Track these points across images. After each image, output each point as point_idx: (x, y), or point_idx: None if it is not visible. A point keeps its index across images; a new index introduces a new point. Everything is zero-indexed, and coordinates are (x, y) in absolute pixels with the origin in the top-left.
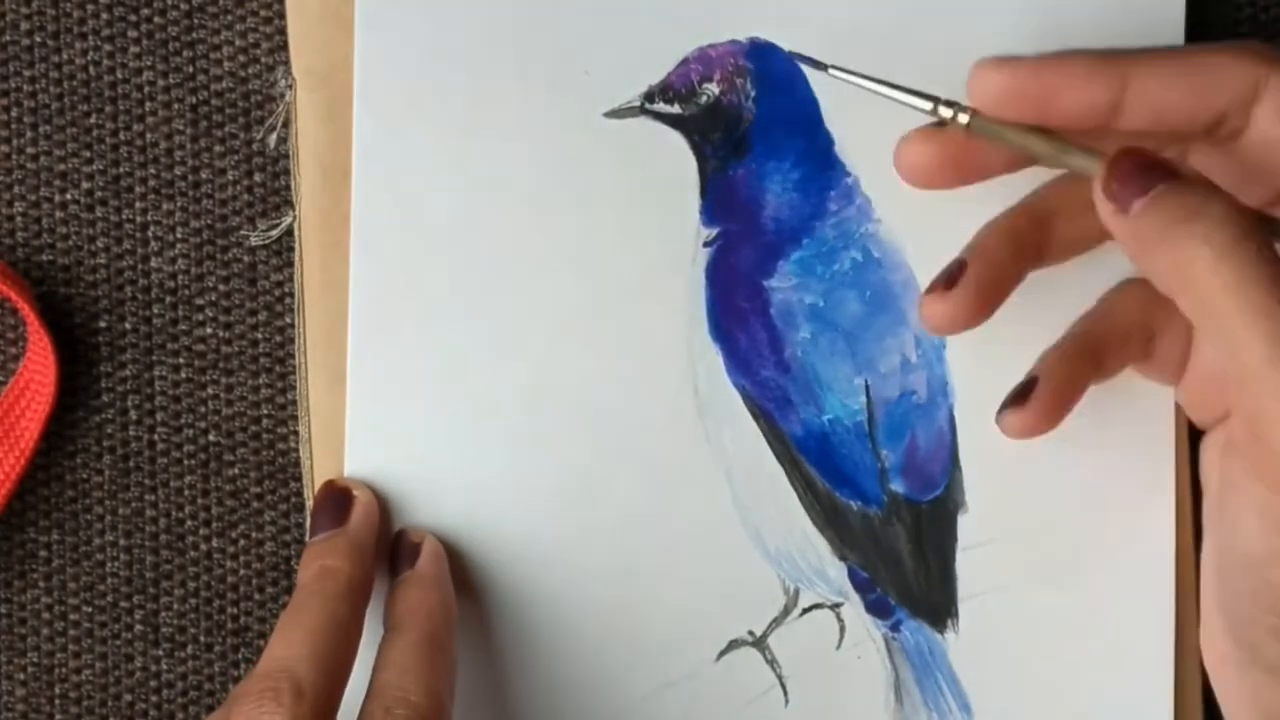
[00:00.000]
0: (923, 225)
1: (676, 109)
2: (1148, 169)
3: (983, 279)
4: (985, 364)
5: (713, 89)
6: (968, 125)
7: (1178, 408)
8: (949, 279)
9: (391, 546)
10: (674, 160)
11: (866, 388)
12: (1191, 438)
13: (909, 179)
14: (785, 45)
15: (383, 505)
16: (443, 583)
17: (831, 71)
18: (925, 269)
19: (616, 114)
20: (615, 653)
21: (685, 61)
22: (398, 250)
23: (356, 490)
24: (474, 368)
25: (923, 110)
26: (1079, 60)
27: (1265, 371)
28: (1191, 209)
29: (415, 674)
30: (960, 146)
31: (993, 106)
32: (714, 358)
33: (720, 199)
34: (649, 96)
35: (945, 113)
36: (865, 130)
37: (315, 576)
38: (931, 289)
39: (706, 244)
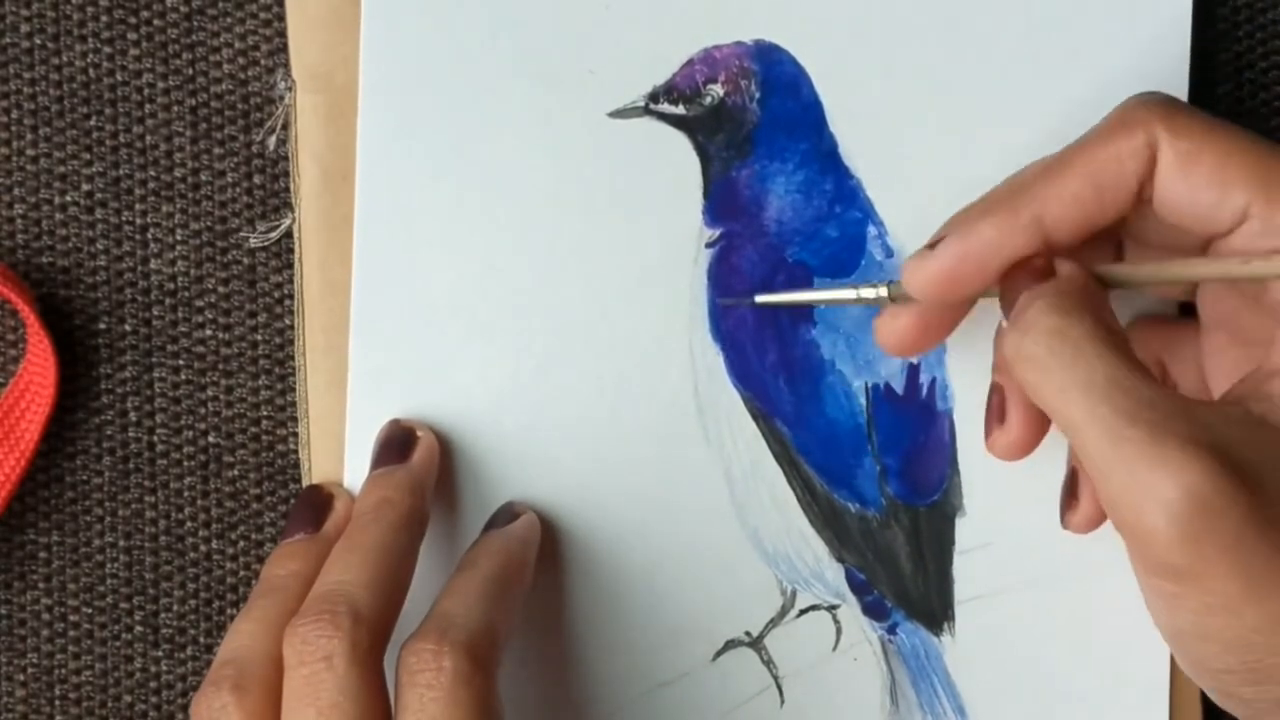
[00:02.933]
0: (925, 229)
1: (681, 110)
2: (1016, 283)
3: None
4: (985, 369)
5: (717, 90)
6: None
7: None
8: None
9: (494, 514)
10: (677, 161)
11: (867, 390)
12: None
13: (897, 353)
14: (790, 47)
15: None
16: (527, 544)
17: (758, 299)
18: None
19: (621, 114)
20: (612, 652)
21: (690, 62)
22: (400, 251)
23: (420, 431)
24: (474, 368)
25: (849, 300)
26: (987, 223)
27: (1107, 467)
28: (1026, 322)
29: (478, 604)
30: (922, 313)
31: (934, 298)
32: (715, 358)
33: (723, 200)
34: (653, 97)
35: (868, 294)
36: (869, 134)
37: (374, 505)
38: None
39: (709, 245)
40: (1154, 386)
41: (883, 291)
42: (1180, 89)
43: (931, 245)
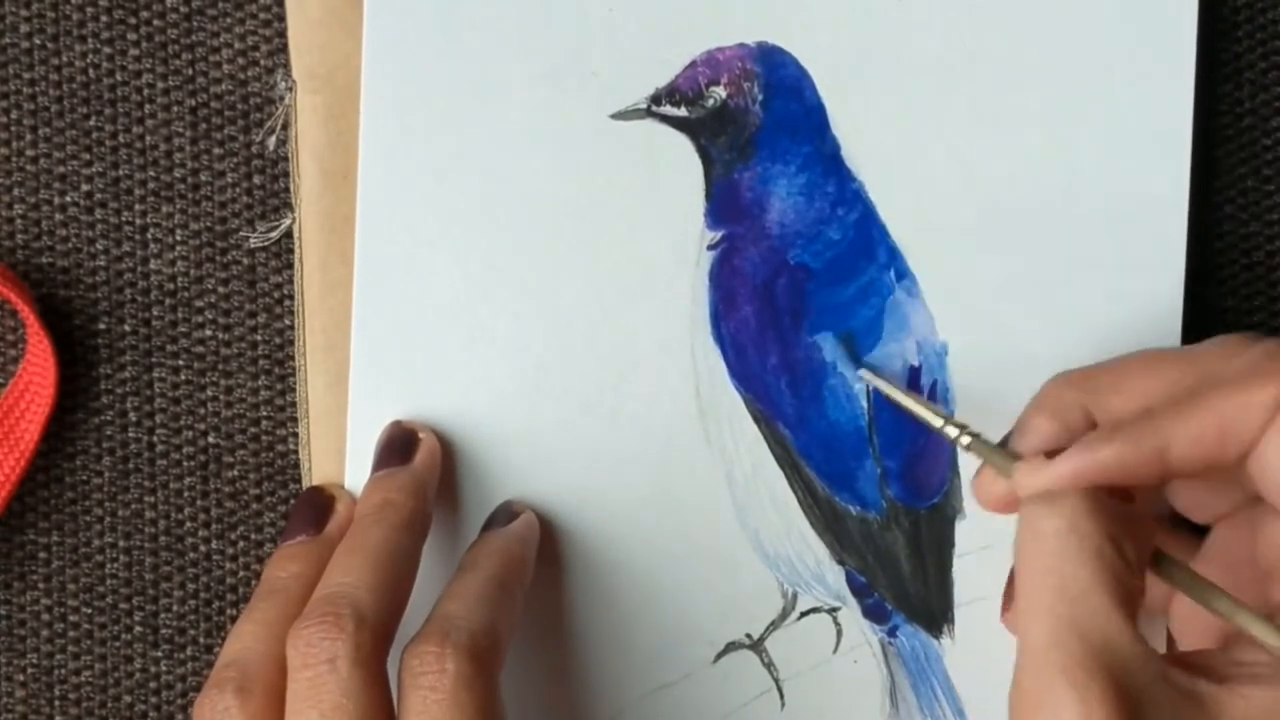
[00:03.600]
0: (928, 233)
1: (683, 112)
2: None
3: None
4: (986, 371)
5: (720, 92)
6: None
7: None
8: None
9: (492, 514)
10: (679, 163)
11: (868, 393)
12: None
13: (994, 511)
14: (793, 49)
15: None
16: (526, 543)
17: (861, 373)
18: (929, 276)
19: (623, 116)
20: (612, 653)
21: (693, 64)
22: (401, 251)
23: (422, 433)
24: (475, 368)
25: (934, 426)
26: (1110, 450)
27: (1039, 655)
28: (1059, 498)
29: (479, 606)
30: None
31: (1010, 511)
32: (716, 360)
33: (725, 202)
34: (656, 99)
35: (951, 432)
36: (871, 137)
37: (377, 507)
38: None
39: (710, 247)
40: (1119, 619)
41: (965, 439)
42: (1185, 92)
43: (1051, 454)
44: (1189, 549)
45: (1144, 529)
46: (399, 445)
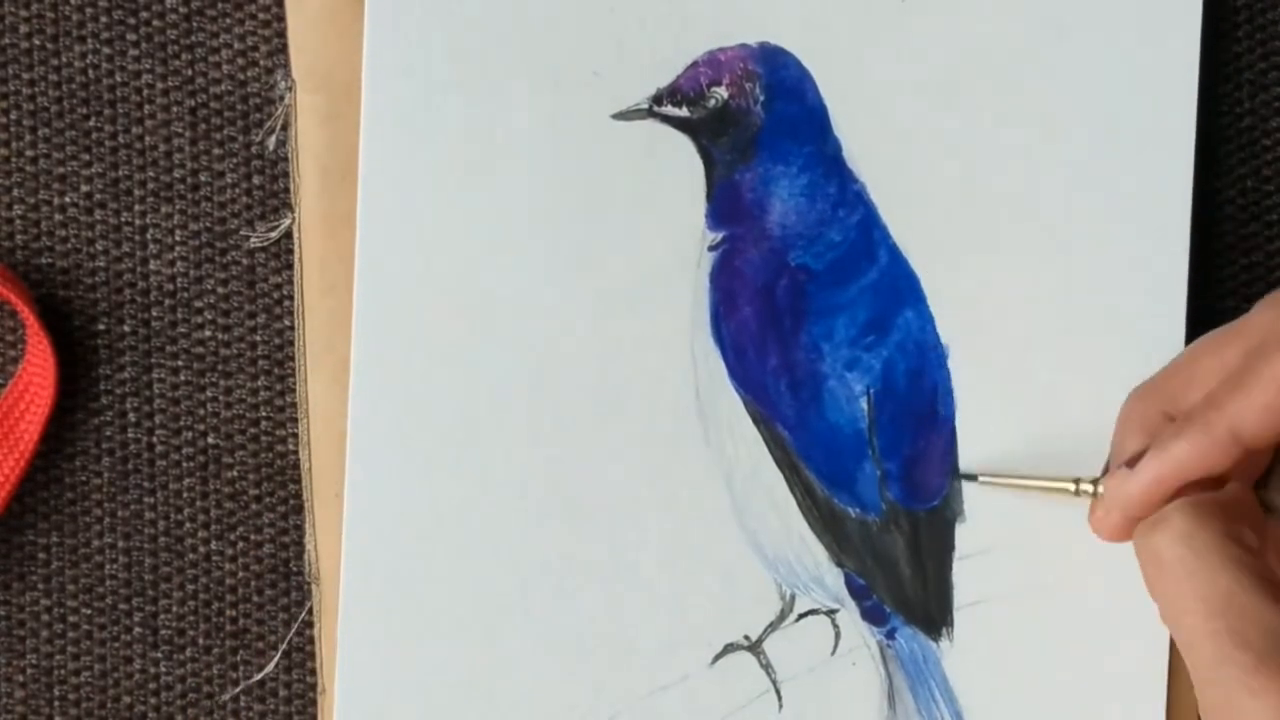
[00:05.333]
0: (929, 233)
1: (685, 112)
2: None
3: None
4: (987, 375)
5: (721, 93)
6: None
7: None
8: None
9: None
10: (681, 164)
11: (868, 395)
12: None
13: (1110, 541)
14: (795, 50)
15: (383, 508)
16: None
17: (981, 480)
18: (931, 276)
19: (624, 116)
20: (611, 655)
21: (694, 65)
22: (402, 251)
23: None
24: (475, 369)
25: (1066, 492)
26: (1183, 443)
27: (1208, 681)
28: (1160, 518)
29: None
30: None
31: (1137, 513)
32: (715, 362)
33: (726, 203)
34: (657, 99)
35: (1086, 488)
36: (873, 138)
37: None
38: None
39: (711, 248)
40: (1273, 609)
41: (1101, 490)
42: (1188, 93)
43: (1131, 462)
44: None
45: (1250, 508)
46: None
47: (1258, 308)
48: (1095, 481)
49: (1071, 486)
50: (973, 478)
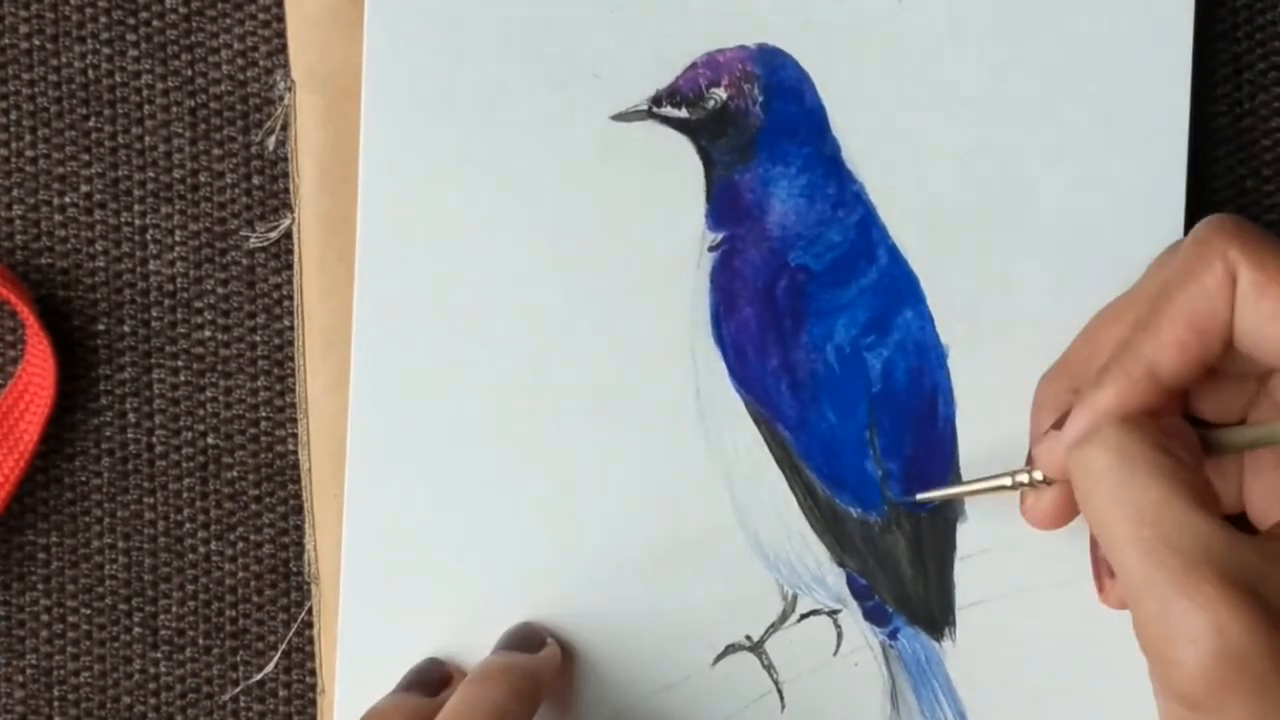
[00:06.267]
0: (928, 233)
1: (684, 113)
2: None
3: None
4: (988, 374)
5: (720, 94)
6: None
7: None
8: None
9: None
10: (680, 164)
11: (869, 395)
12: None
13: (1046, 529)
14: (793, 51)
15: (383, 508)
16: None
17: (919, 498)
18: (930, 276)
19: (624, 117)
20: (612, 656)
21: (694, 66)
22: (402, 252)
23: (549, 640)
24: (475, 369)
25: (1006, 488)
26: (1104, 392)
27: (1141, 591)
28: (1091, 433)
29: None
30: (1063, 490)
31: (1065, 514)
32: (716, 362)
33: (726, 204)
34: (656, 100)
35: (1022, 478)
36: (872, 138)
37: (498, 668)
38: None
39: (711, 249)
40: (1204, 518)
41: (1038, 475)
42: (1181, 90)
43: (1057, 425)
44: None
45: (1182, 430)
46: (520, 640)
47: (1145, 273)
48: (1029, 470)
49: (1008, 481)
50: (910, 500)
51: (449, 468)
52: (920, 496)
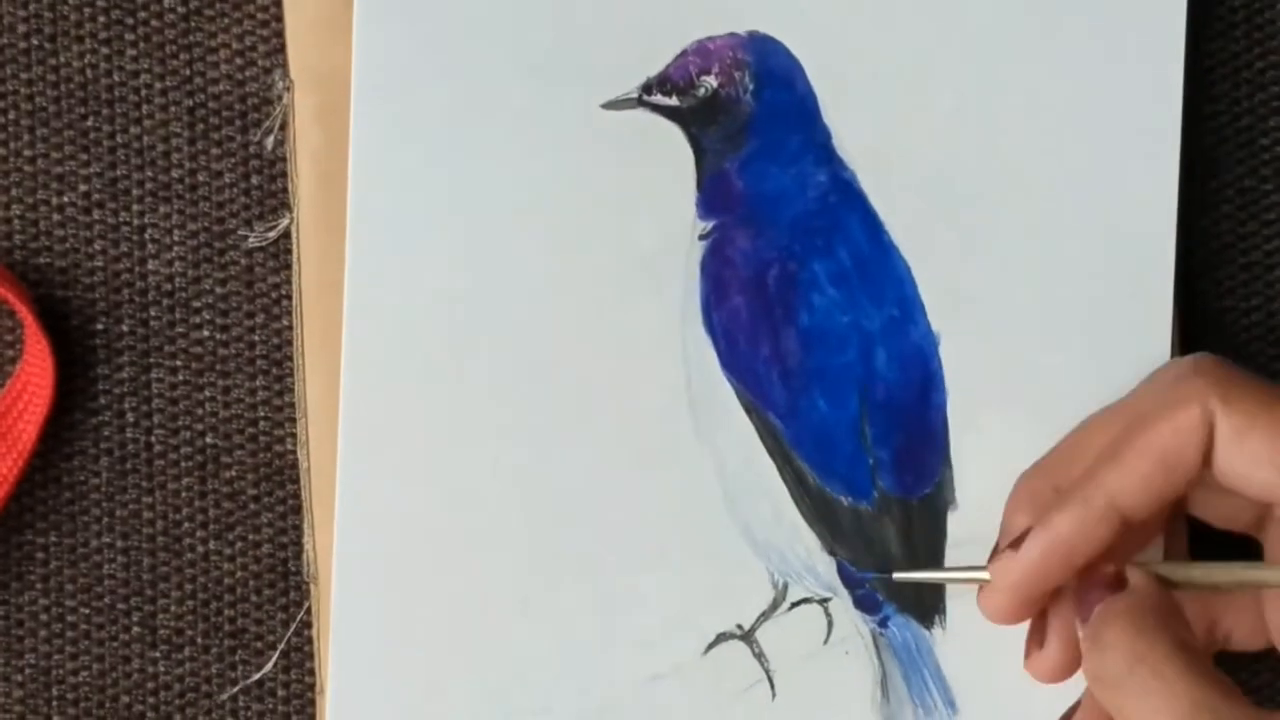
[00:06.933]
0: (919, 221)
1: (674, 101)
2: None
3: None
4: (979, 362)
5: (711, 82)
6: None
7: None
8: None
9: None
10: (671, 153)
11: (860, 383)
12: None
13: (1001, 624)
14: (784, 39)
15: (374, 502)
16: None
17: (896, 576)
18: (923, 265)
19: (614, 105)
20: (603, 646)
21: (684, 54)
22: (391, 245)
23: None
24: (467, 362)
25: (976, 580)
26: (1064, 518)
27: None
28: (1105, 642)
29: None
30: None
31: (1024, 593)
32: (707, 351)
33: (716, 192)
34: (647, 88)
35: (978, 575)
36: (863, 125)
37: None
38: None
39: (702, 237)
40: (1237, 705)
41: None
42: (1175, 73)
43: (1014, 544)
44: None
45: (1168, 599)
46: None
47: (1142, 383)
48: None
49: (986, 575)
50: (886, 575)
51: (439, 461)
52: (897, 577)
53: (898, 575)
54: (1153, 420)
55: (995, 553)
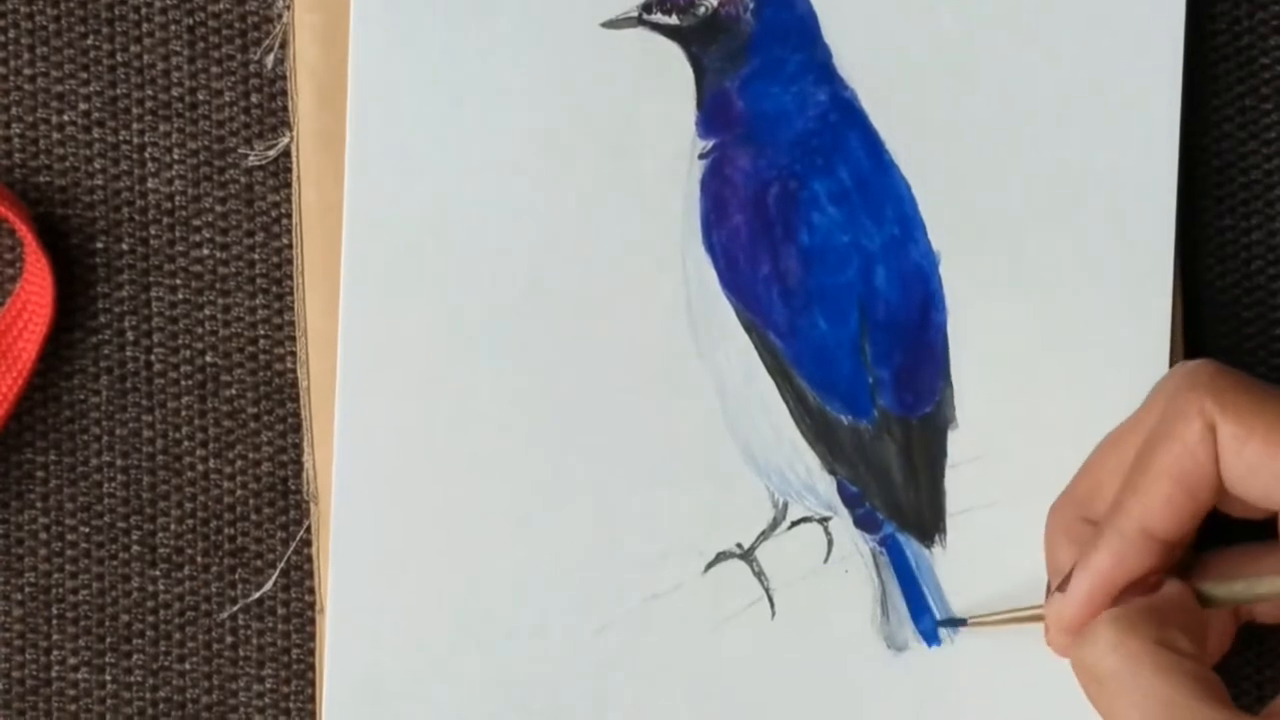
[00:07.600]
0: (920, 140)
1: (674, 20)
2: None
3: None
4: (979, 281)
5: (711, 0)
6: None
7: (1172, 335)
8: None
9: None
10: (671, 72)
11: (860, 301)
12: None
13: (1067, 656)
14: None
15: (373, 420)
16: None
17: (971, 622)
18: (923, 184)
19: (614, 24)
20: (603, 565)
21: None
22: (392, 166)
23: None
24: (466, 283)
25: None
26: (1102, 554)
27: None
28: (1090, 633)
29: None
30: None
31: (1080, 630)
32: (707, 270)
33: (717, 111)
34: (647, 7)
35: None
36: (864, 44)
37: None
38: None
39: (702, 156)
40: (1213, 707)
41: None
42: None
43: (1062, 586)
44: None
45: (1185, 604)
46: None
47: (1148, 397)
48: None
49: (1036, 612)
50: (961, 622)
51: (439, 378)
52: (971, 622)
53: (972, 620)
54: (1162, 440)
55: (1048, 593)
